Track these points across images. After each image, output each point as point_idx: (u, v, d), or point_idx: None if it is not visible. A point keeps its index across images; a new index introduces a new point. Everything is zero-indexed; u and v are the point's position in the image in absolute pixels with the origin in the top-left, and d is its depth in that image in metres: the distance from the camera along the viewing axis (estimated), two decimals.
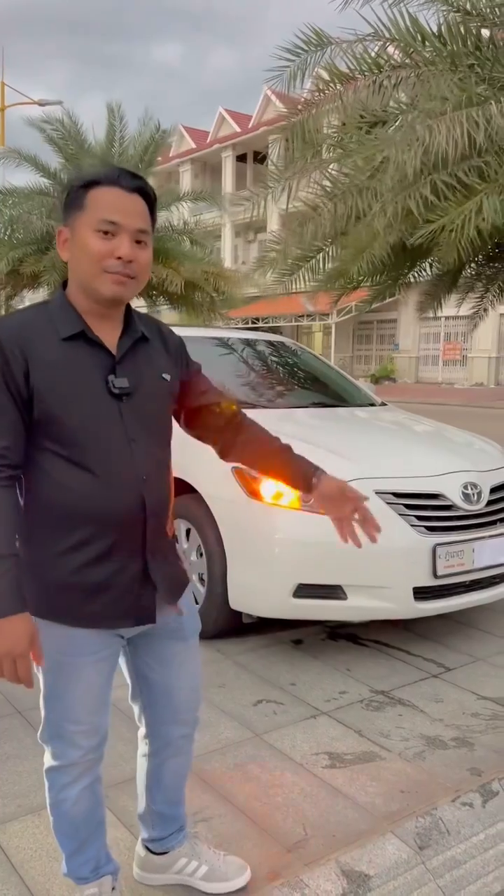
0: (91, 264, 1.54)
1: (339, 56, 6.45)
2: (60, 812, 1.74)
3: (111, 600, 1.60)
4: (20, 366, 1.50)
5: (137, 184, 1.56)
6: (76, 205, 1.56)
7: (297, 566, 3.24)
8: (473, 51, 5.90)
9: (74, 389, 1.54)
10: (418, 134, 5.16)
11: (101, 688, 1.68)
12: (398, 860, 2.11)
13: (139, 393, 1.62)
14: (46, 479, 1.56)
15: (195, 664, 1.85)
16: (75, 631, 1.60)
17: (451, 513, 3.40)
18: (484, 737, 2.79)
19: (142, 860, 1.98)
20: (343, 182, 6.34)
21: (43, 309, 1.62)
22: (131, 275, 1.55)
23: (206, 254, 15.11)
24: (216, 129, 37.05)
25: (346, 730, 2.82)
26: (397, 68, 6.22)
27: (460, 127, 5.03)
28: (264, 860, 2.08)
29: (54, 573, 1.58)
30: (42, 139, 14.11)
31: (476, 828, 2.29)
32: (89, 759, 1.71)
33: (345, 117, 6.80)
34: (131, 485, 1.58)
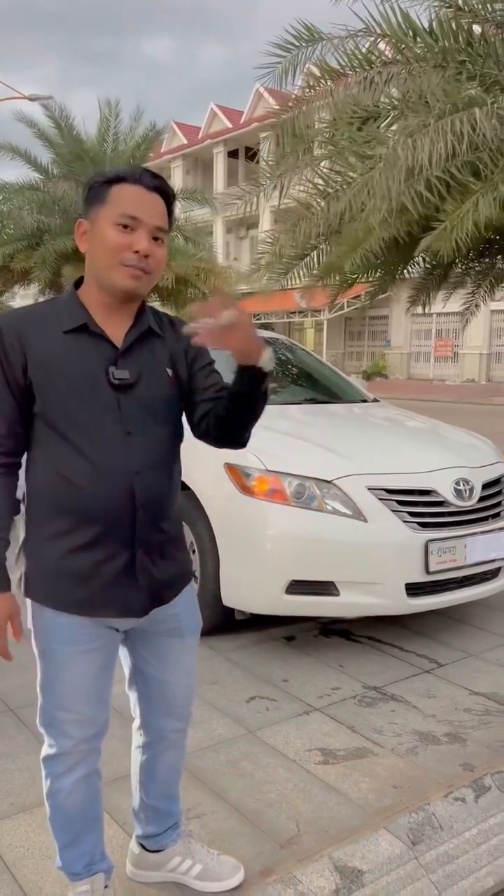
0: (109, 256, 1.55)
1: (331, 52, 6.44)
2: (55, 802, 1.75)
3: (97, 589, 1.62)
4: (18, 357, 1.55)
5: (158, 183, 1.60)
6: (98, 199, 1.58)
7: (290, 562, 3.24)
8: (465, 47, 5.89)
9: (73, 380, 1.56)
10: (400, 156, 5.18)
11: (95, 679, 1.68)
12: (391, 855, 2.12)
13: (141, 385, 1.62)
14: (44, 465, 1.60)
15: (190, 661, 1.86)
16: (62, 618, 1.62)
17: (444, 509, 3.40)
18: (476, 732, 2.80)
19: (136, 857, 1.98)
20: (335, 180, 6.33)
21: (51, 304, 1.66)
22: (147, 270, 1.57)
23: (198, 250, 15.09)
24: (208, 125, 36.94)
25: (339, 726, 2.82)
26: (388, 64, 6.21)
27: (444, 138, 5.04)
28: (257, 857, 2.08)
29: (43, 557, 1.62)
30: (33, 134, 14.03)
31: (469, 823, 2.29)
32: (81, 750, 1.71)
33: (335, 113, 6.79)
34: (122, 477, 1.58)
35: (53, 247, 12.91)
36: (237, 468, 3.33)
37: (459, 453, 3.77)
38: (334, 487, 3.28)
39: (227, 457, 3.35)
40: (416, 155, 4.78)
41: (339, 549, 3.24)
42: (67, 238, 12.98)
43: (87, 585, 1.61)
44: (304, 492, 3.27)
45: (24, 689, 3.03)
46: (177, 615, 1.77)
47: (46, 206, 13.69)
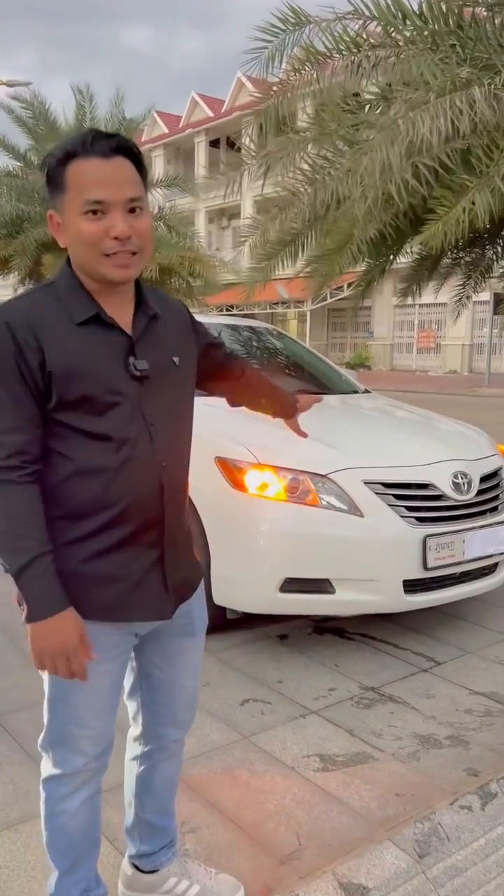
0: (88, 250, 1.41)
1: (318, 35, 6.29)
2: (56, 826, 1.62)
3: (123, 591, 1.50)
4: (35, 354, 1.39)
5: (115, 144, 1.40)
6: (57, 184, 1.42)
7: (284, 560, 3.13)
8: (455, 30, 5.77)
9: (95, 374, 1.43)
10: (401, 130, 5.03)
11: (111, 690, 1.58)
12: (397, 870, 2.01)
13: (157, 375, 1.51)
14: (65, 465, 1.46)
15: (198, 660, 1.78)
16: (88, 627, 1.48)
17: (442, 503, 3.30)
18: (478, 734, 2.70)
19: (128, 878, 1.86)
20: (322, 165, 6.19)
21: (50, 291, 1.48)
22: (133, 251, 1.43)
23: (182, 239, 14.91)
24: (189, 114, 36.59)
25: (337, 729, 2.71)
26: (377, 47, 6.07)
27: (444, 115, 4.92)
28: (257, 874, 1.97)
29: (65, 563, 1.46)
30: (10, 120, 13.77)
31: (476, 832, 2.20)
32: (92, 769, 1.59)
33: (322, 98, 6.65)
34: (150, 471, 1.48)
35: (33, 235, 12.68)
36: (228, 462, 3.21)
37: (456, 445, 3.67)
38: (329, 481, 3.16)
39: (217, 450, 3.23)
40: (417, 129, 4.64)
41: (334, 546, 3.13)
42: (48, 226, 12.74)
43: (115, 588, 1.49)
44: (297, 486, 3.15)
45: (7, 693, 2.91)
46: (190, 612, 1.68)
47: (26, 194, 13.44)
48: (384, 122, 5.04)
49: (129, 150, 1.42)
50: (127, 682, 1.75)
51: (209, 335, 1.79)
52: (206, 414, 1.66)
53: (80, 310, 1.45)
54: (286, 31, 6.26)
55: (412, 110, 4.78)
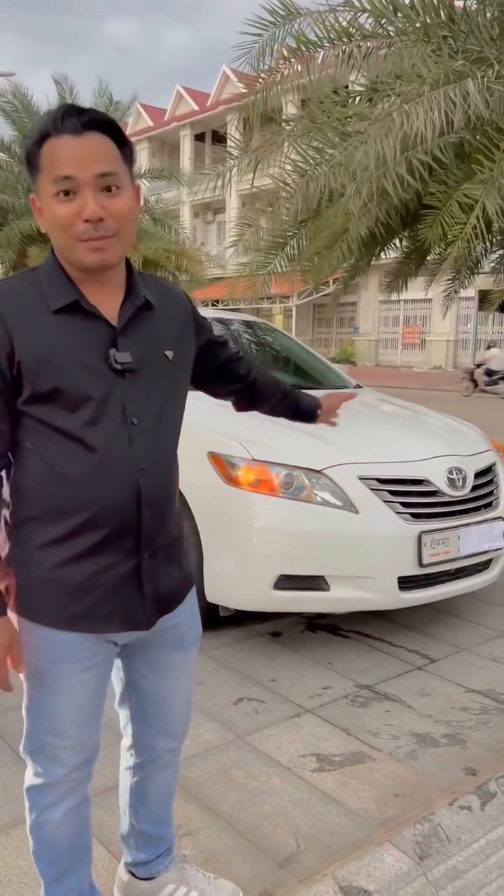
0: (62, 234, 1.33)
1: (309, 27, 6.21)
2: (41, 835, 1.56)
3: (96, 601, 1.41)
4: (3, 345, 1.31)
5: (87, 119, 1.30)
6: (34, 166, 1.34)
7: (278, 556, 3.08)
8: (447, 22, 5.73)
9: (70, 365, 1.34)
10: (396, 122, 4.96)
11: (90, 699, 1.49)
12: (398, 872, 1.98)
13: (143, 369, 1.41)
14: (36, 463, 1.38)
15: (190, 675, 1.69)
16: (59, 634, 1.42)
17: (437, 499, 3.27)
18: (475, 733, 2.68)
19: (124, 885, 1.81)
20: (314, 157, 6.12)
21: (30, 277, 1.41)
22: (107, 234, 1.33)
23: (168, 232, 14.82)
24: (174, 107, 36.37)
25: (333, 728, 2.68)
26: (368, 38, 6.01)
27: (438, 107, 4.86)
28: (255, 877, 1.93)
29: (33, 569, 1.40)
30: None
31: (476, 833, 2.17)
32: (73, 779, 1.52)
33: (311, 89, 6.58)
34: (126, 473, 1.39)
35: (18, 227, 12.54)
36: (221, 457, 3.16)
37: (451, 441, 3.64)
38: (324, 477, 3.12)
39: (210, 445, 3.17)
40: (412, 122, 4.58)
41: (329, 542, 3.09)
42: (33, 218, 12.59)
43: (87, 597, 1.41)
44: (292, 482, 3.11)
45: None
46: (179, 626, 1.59)
47: (10, 186, 13.28)
48: (378, 115, 4.98)
49: (103, 123, 1.33)
50: (117, 691, 1.68)
51: (212, 332, 1.70)
52: (197, 408, 1.60)
53: (58, 296, 1.37)
54: (276, 23, 6.17)
55: (407, 103, 4.72)
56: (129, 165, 1.38)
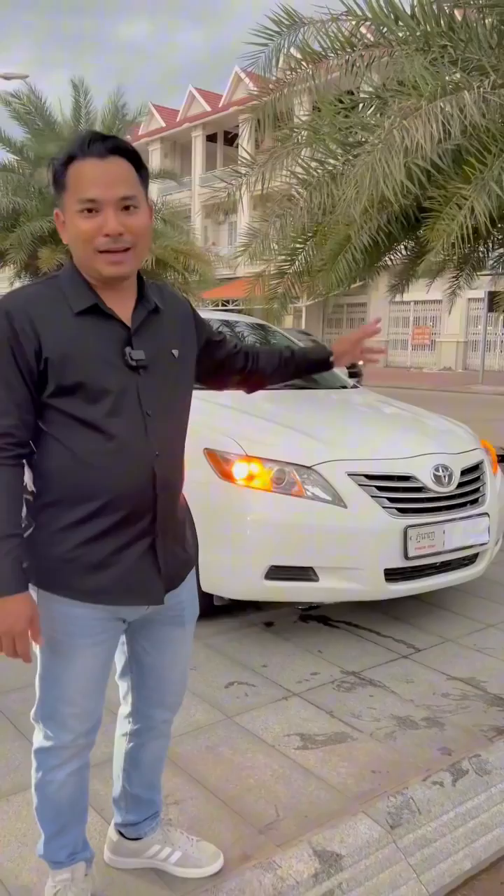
0: (83, 246, 1.50)
1: (313, 35, 6.36)
2: (45, 794, 1.72)
3: (116, 576, 1.57)
4: (31, 342, 1.47)
5: (111, 145, 1.48)
6: (60, 185, 1.52)
7: (269, 548, 3.23)
8: (447, 31, 5.85)
9: (92, 362, 1.51)
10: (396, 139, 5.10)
11: (98, 672, 1.65)
12: (369, 839, 2.12)
13: (154, 366, 1.58)
14: (60, 451, 1.53)
15: (187, 650, 1.85)
16: (76, 609, 1.57)
17: (423, 495, 3.41)
18: (454, 716, 2.81)
19: (114, 844, 1.96)
20: (317, 169, 6.26)
21: (52, 283, 1.58)
22: (125, 247, 1.50)
23: (177, 233, 14.98)
24: (186, 108, 36.56)
25: (318, 711, 2.82)
26: (370, 47, 6.15)
27: (436, 120, 4.99)
28: (236, 842, 2.08)
29: (56, 548, 1.55)
30: (7, 114, 13.81)
31: (446, 806, 2.30)
32: (79, 744, 1.68)
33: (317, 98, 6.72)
34: (143, 459, 1.55)
35: (29, 229, 12.73)
36: (216, 453, 3.31)
37: (438, 440, 3.78)
38: (314, 473, 3.27)
39: (206, 441, 3.32)
40: (411, 137, 4.72)
41: (318, 535, 3.23)
42: (44, 220, 12.81)
43: (108, 573, 1.56)
44: (283, 477, 3.25)
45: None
46: (181, 603, 1.75)
47: (22, 188, 13.49)
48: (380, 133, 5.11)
49: (125, 150, 1.50)
50: (119, 664, 1.84)
51: (211, 332, 1.86)
52: (194, 407, 1.75)
53: (80, 300, 1.53)
54: (281, 32, 6.31)
55: (405, 118, 4.86)
56: (145, 187, 1.57)
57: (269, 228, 6.65)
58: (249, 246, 6.93)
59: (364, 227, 6.08)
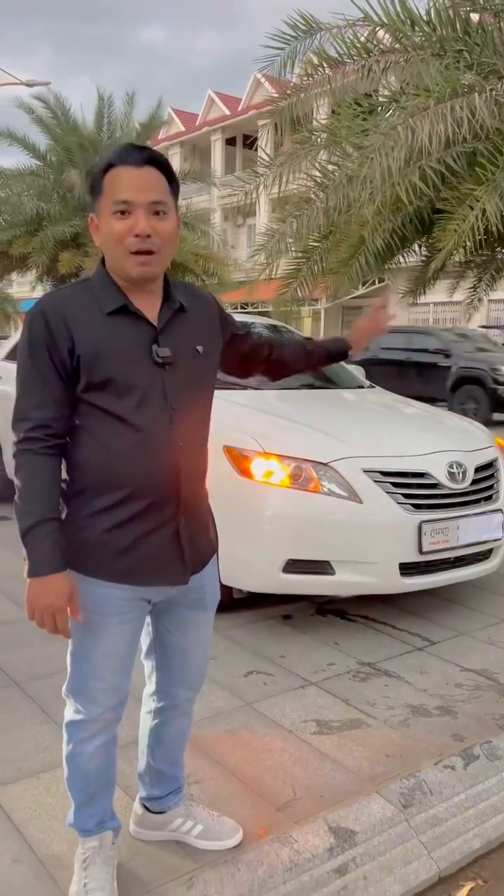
0: (115, 246, 1.61)
1: (329, 41, 6.46)
2: (75, 765, 1.83)
3: (142, 559, 1.68)
4: (65, 340, 1.59)
5: (146, 156, 1.60)
6: (96, 190, 1.63)
7: (287, 542, 3.33)
8: (462, 35, 5.93)
9: (120, 359, 1.61)
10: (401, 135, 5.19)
11: (125, 650, 1.77)
12: (383, 817, 2.21)
13: (180, 363, 1.68)
14: (91, 442, 1.65)
15: (209, 632, 1.95)
16: (105, 589, 1.68)
17: (437, 491, 3.49)
18: (467, 705, 2.89)
19: (139, 818, 2.07)
20: (334, 172, 6.36)
21: (84, 285, 1.70)
22: (152, 249, 1.61)
23: (197, 237, 15.12)
24: (205, 112, 36.78)
25: (334, 699, 2.91)
26: (386, 52, 6.24)
27: (444, 121, 5.07)
28: (255, 818, 2.17)
29: (87, 532, 1.67)
30: (31, 120, 14.03)
31: (457, 788, 2.39)
32: (107, 718, 1.79)
33: (334, 102, 6.83)
34: (168, 451, 1.65)
35: (52, 233, 12.93)
36: (235, 450, 3.41)
37: (453, 438, 3.86)
38: (330, 469, 3.36)
39: (225, 439, 3.43)
40: (417, 136, 4.81)
41: (334, 530, 3.33)
42: (66, 224, 13.01)
43: (134, 556, 1.67)
44: (300, 473, 3.35)
45: (28, 663, 3.13)
46: (202, 587, 1.85)
47: (45, 193, 13.70)
48: (384, 129, 5.21)
49: (158, 161, 1.63)
50: (144, 644, 1.95)
51: (236, 326, 1.95)
52: (215, 405, 1.85)
53: (110, 301, 1.65)
54: (297, 38, 6.43)
55: (411, 117, 4.95)
56: (175, 198, 1.68)
57: (287, 228, 6.76)
58: (267, 245, 7.05)
59: (378, 228, 6.17)
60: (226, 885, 1.92)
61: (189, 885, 1.90)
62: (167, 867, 1.97)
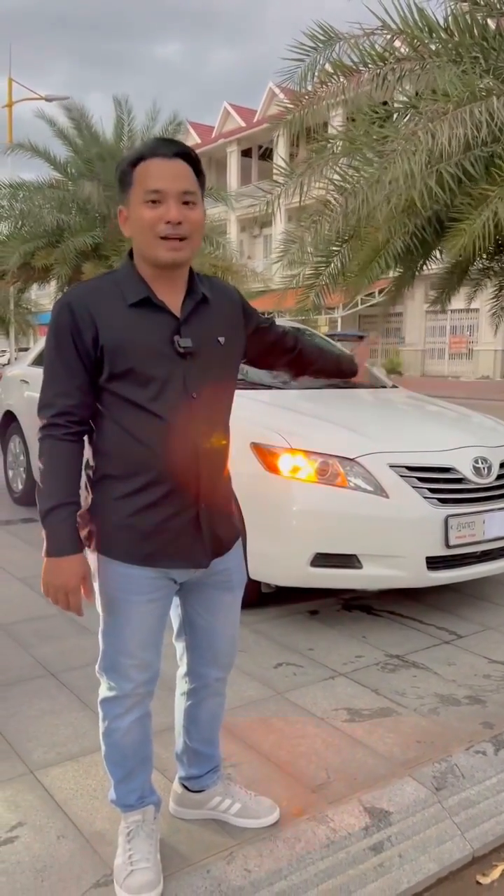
0: (145, 234, 1.68)
1: (347, 52, 6.55)
2: (112, 741, 1.89)
3: (164, 542, 1.75)
4: (89, 329, 1.66)
5: (176, 149, 1.68)
6: (126, 182, 1.70)
7: (314, 536, 3.38)
8: (479, 41, 6.00)
9: (142, 349, 1.68)
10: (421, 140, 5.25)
11: (153, 627, 1.83)
12: (416, 799, 2.25)
13: (201, 353, 1.74)
14: (115, 430, 1.72)
15: (236, 613, 2.00)
16: (132, 570, 1.75)
17: (463, 486, 3.53)
18: (496, 695, 2.92)
19: (178, 796, 2.13)
20: (353, 176, 6.44)
21: (110, 277, 1.77)
22: (183, 236, 1.67)
23: (214, 248, 15.24)
24: (221, 124, 37.11)
25: (364, 689, 2.95)
26: (402, 60, 6.32)
27: (463, 125, 5.13)
28: (290, 799, 2.22)
29: (112, 517, 1.74)
30: (52, 133, 14.25)
31: (489, 772, 2.42)
32: (139, 693, 1.85)
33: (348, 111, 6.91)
34: (188, 438, 1.71)
35: (73, 244, 13.10)
36: (263, 447, 3.47)
37: (477, 434, 3.89)
38: (357, 465, 3.41)
39: (253, 436, 3.49)
40: (437, 139, 4.88)
41: (361, 524, 3.37)
42: (87, 235, 13.18)
43: (157, 539, 1.74)
44: (327, 469, 3.40)
45: (63, 655, 3.20)
46: (228, 569, 1.91)
47: (66, 205, 13.89)
48: (405, 134, 5.28)
49: (187, 154, 1.70)
50: (175, 627, 2.02)
51: (259, 318, 2.01)
52: (241, 404, 1.90)
53: (134, 293, 1.71)
54: (317, 48, 6.52)
55: (431, 121, 5.01)
56: (203, 191, 1.76)
57: (306, 234, 6.84)
58: (287, 252, 7.12)
59: (396, 231, 6.23)
60: (265, 859, 1.96)
61: (229, 860, 1.95)
62: (208, 843, 2.02)
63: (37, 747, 2.49)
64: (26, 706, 2.76)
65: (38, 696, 2.84)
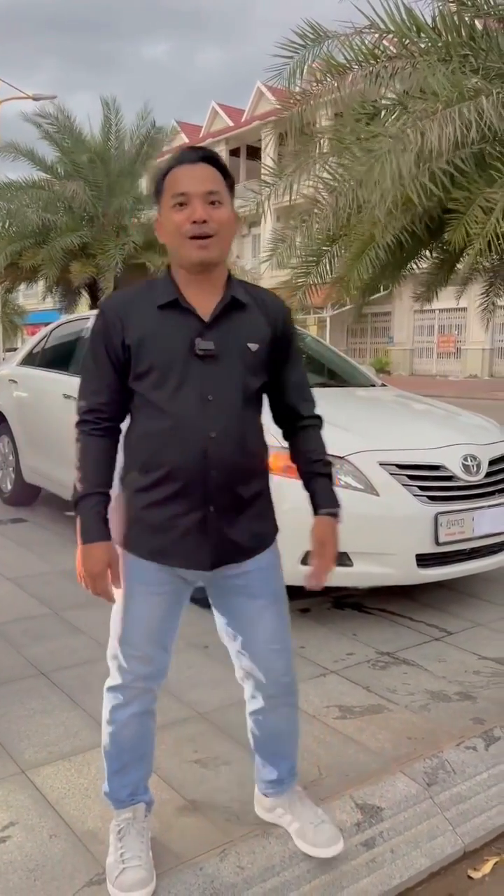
0: (175, 236, 1.71)
1: (337, 49, 6.57)
2: (110, 731, 1.91)
3: (170, 540, 1.77)
4: (118, 332, 1.73)
5: (200, 154, 1.74)
6: (158, 192, 1.76)
7: (305, 535, 3.35)
8: (467, 41, 6.03)
9: (161, 348, 1.71)
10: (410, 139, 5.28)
11: (159, 622, 1.83)
12: (408, 795, 2.26)
13: (225, 356, 1.74)
14: (136, 426, 1.79)
15: (271, 626, 1.92)
16: (140, 561, 1.79)
17: (452, 483, 3.54)
18: (486, 691, 2.94)
19: (256, 796, 2.13)
20: (342, 175, 6.46)
21: (150, 283, 1.82)
22: (210, 233, 1.69)
23: None
24: (209, 124, 37.08)
25: (355, 686, 2.96)
26: (393, 59, 6.34)
27: (452, 124, 5.16)
28: None
29: (130, 509, 1.79)
30: (38, 134, 14.20)
31: (479, 768, 2.43)
32: (139, 687, 1.86)
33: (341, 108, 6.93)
34: (196, 439, 1.72)
35: (60, 244, 13.07)
36: None
37: (467, 431, 3.91)
38: (347, 463, 3.42)
39: None
40: (426, 138, 4.91)
41: (351, 522, 3.33)
42: (74, 235, 13.15)
43: (163, 536, 1.76)
44: None
45: (54, 655, 3.19)
46: (245, 574, 1.85)
47: (52, 204, 13.86)
48: (394, 132, 5.31)
49: (212, 158, 1.75)
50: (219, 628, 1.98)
51: (289, 356, 1.91)
52: None
53: (163, 295, 1.75)
54: (306, 46, 6.53)
55: (421, 120, 5.04)
56: (231, 193, 1.78)
57: (296, 233, 6.85)
58: (276, 251, 7.13)
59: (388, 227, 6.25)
60: (257, 856, 1.97)
61: (222, 857, 1.95)
62: (200, 841, 2.02)
63: (28, 747, 2.48)
64: (17, 706, 2.75)
65: (29, 696, 2.83)
